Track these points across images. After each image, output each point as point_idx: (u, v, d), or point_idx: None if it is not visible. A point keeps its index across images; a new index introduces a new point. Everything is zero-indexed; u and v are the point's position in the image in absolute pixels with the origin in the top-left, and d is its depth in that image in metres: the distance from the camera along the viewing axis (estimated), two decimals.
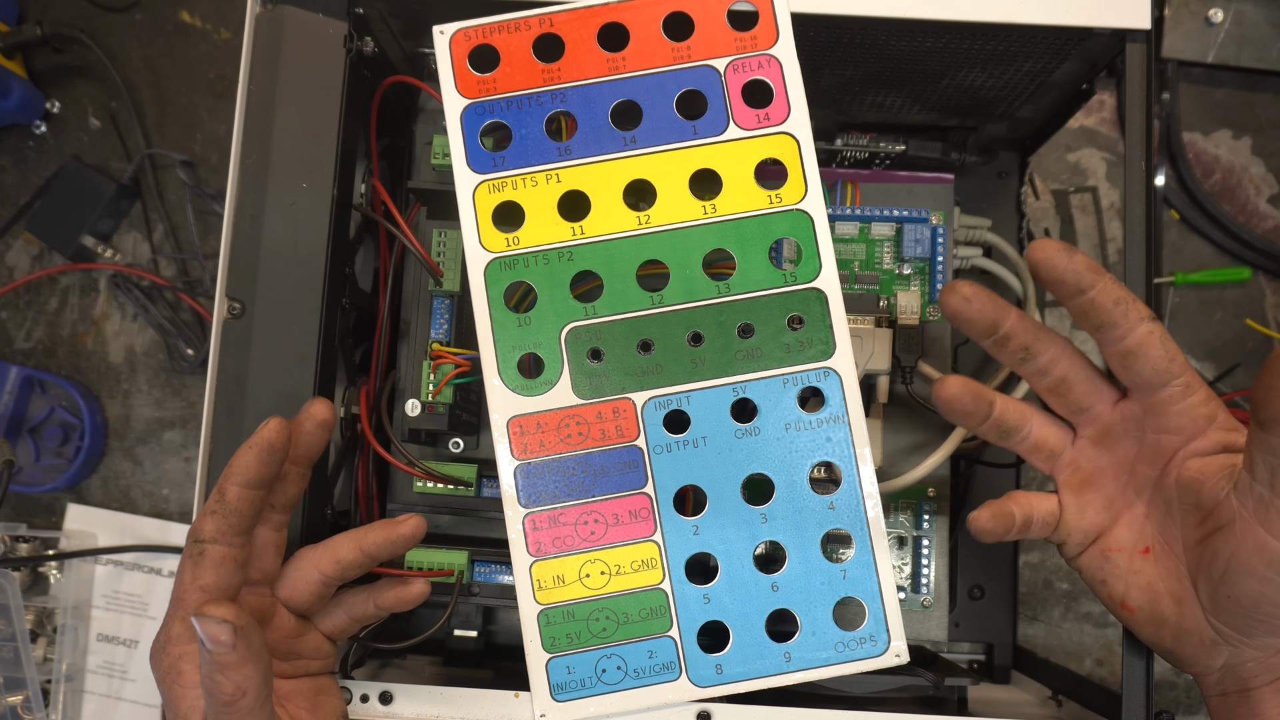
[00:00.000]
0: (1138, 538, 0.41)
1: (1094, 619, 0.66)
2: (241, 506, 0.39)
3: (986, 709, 0.52)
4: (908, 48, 0.48)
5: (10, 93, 0.67)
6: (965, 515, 0.60)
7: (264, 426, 0.39)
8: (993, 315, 0.40)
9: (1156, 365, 0.39)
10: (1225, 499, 0.38)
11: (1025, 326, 0.41)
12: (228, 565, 0.39)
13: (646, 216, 0.43)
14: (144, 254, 0.70)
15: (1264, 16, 0.67)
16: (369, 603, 0.44)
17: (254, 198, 0.46)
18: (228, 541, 0.39)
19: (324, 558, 0.42)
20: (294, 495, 0.42)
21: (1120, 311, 0.39)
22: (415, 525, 0.42)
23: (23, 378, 0.68)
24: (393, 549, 0.42)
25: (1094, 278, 0.38)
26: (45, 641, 0.66)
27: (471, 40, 0.44)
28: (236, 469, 0.39)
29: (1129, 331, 0.39)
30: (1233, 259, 0.68)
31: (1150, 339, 0.39)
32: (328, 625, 0.44)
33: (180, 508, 0.69)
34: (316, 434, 0.41)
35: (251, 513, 0.39)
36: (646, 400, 0.43)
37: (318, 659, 0.43)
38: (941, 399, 0.42)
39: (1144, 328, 0.39)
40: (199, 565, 0.38)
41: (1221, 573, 0.38)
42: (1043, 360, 0.41)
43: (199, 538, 0.39)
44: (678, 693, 0.42)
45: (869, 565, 0.42)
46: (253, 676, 0.36)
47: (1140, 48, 0.46)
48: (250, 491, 0.39)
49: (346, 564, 0.41)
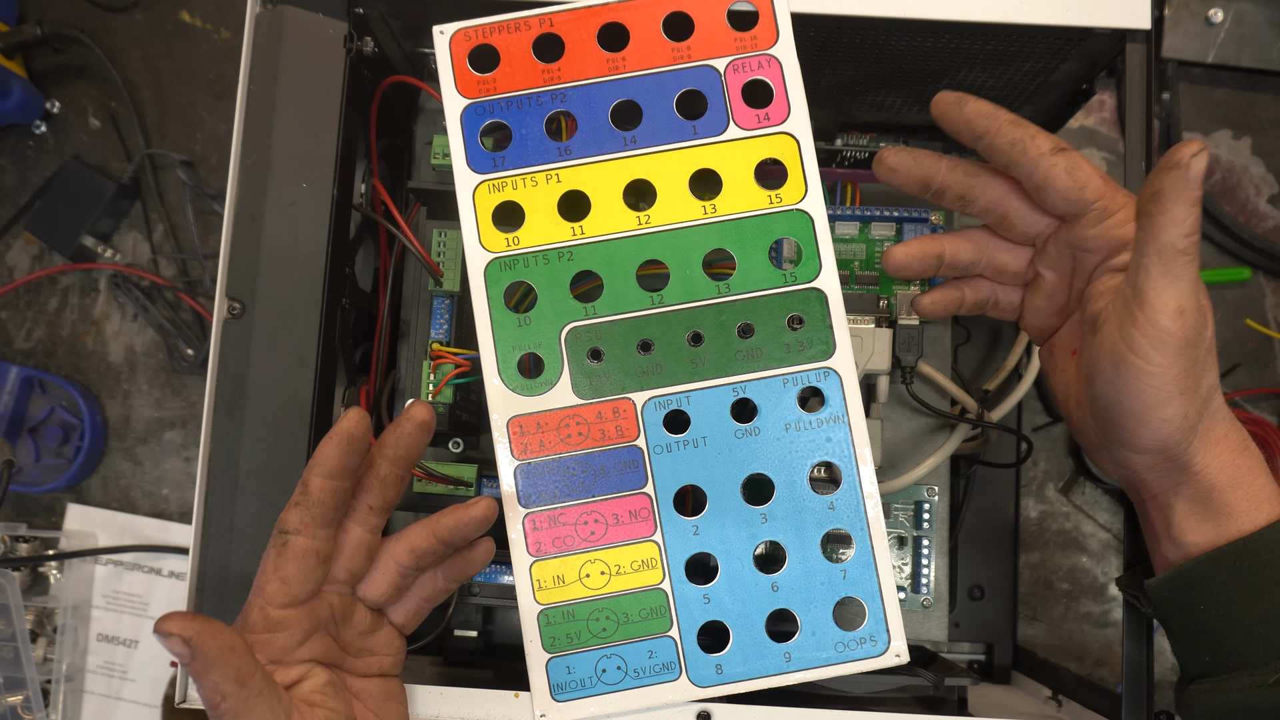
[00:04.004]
0: (1072, 340, 0.44)
1: (1094, 619, 0.66)
2: (324, 498, 0.38)
3: (986, 709, 0.52)
4: (908, 48, 0.48)
5: (10, 93, 0.67)
6: (965, 515, 0.60)
7: (344, 416, 0.38)
8: (921, 174, 0.43)
9: (1066, 195, 0.40)
10: (1104, 307, 0.40)
11: (956, 177, 0.43)
12: (309, 558, 0.38)
13: (646, 216, 0.43)
14: (144, 254, 0.70)
15: (1264, 16, 0.67)
16: (436, 577, 0.43)
17: (254, 198, 0.46)
18: (311, 534, 0.38)
19: (399, 548, 0.41)
20: (392, 498, 0.41)
21: (1018, 151, 0.40)
22: (486, 507, 0.41)
23: (23, 378, 0.68)
24: (465, 532, 0.41)
25: (986, 123, 0.40)
26: (45, 641, 0.66)
27: (471, 40, 0.44)
28: (318, 460, 0.38)
29: (1033, 168, 0.40)
30: (1233, 259, 0.68)
31: (1053, 171, 0.40)
32: (400, 613, 0.43)
33: (180, 508, 0.69)
34: (417, 435, 0.40)
35: (335, 504, 0.39)
36: (646, 400, 0.43)
37: (389, 655, 0.43)
38: (889, 269, 0.46)
39: (1046, 161, 0.40)
40: (282, 556, 0.38)
41: (1087, 373, 0.40)
42: (982, 203, 0.43)
43: (284, 528, 0.38)
44: (678, 693, 0.42)
45: (869, 565, 0.42)
46: (222, 681, 0.35)
47: (1140, 48, 0.46)
48: (332, 482, 0.38)
49: (421, 552, 0.41)
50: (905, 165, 0.43)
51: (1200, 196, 0.34)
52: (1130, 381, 0.37)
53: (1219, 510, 0.40)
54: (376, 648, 0.42)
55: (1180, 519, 0.41)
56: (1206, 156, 0.34)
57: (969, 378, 0.61)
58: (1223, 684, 0.40)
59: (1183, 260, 0.35)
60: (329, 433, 0.38)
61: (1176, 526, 0.41)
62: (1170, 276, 0.36)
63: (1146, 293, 0.36)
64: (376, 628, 0.42)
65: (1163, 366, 0.37)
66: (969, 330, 0.62)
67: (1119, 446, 0.40)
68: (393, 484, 0.41)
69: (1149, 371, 0.37)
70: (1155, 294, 0.36)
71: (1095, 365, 0.39)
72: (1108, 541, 0.66)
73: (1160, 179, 0.34)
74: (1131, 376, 0.37)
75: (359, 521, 0.40)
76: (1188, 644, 0.41)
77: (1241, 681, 0.39)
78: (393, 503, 0.41)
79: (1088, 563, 0.66)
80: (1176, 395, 0.37)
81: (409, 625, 0.44)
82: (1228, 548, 0.39)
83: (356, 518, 0.40)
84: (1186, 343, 0.36)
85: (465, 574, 0.43)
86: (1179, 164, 0.34)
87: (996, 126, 0.40)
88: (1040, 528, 0.67)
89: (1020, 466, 0.62)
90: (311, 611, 0.39)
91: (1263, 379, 0.67)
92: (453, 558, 0.43)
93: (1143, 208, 0.36)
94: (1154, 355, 0.37)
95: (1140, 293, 0.36)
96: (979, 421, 0.54)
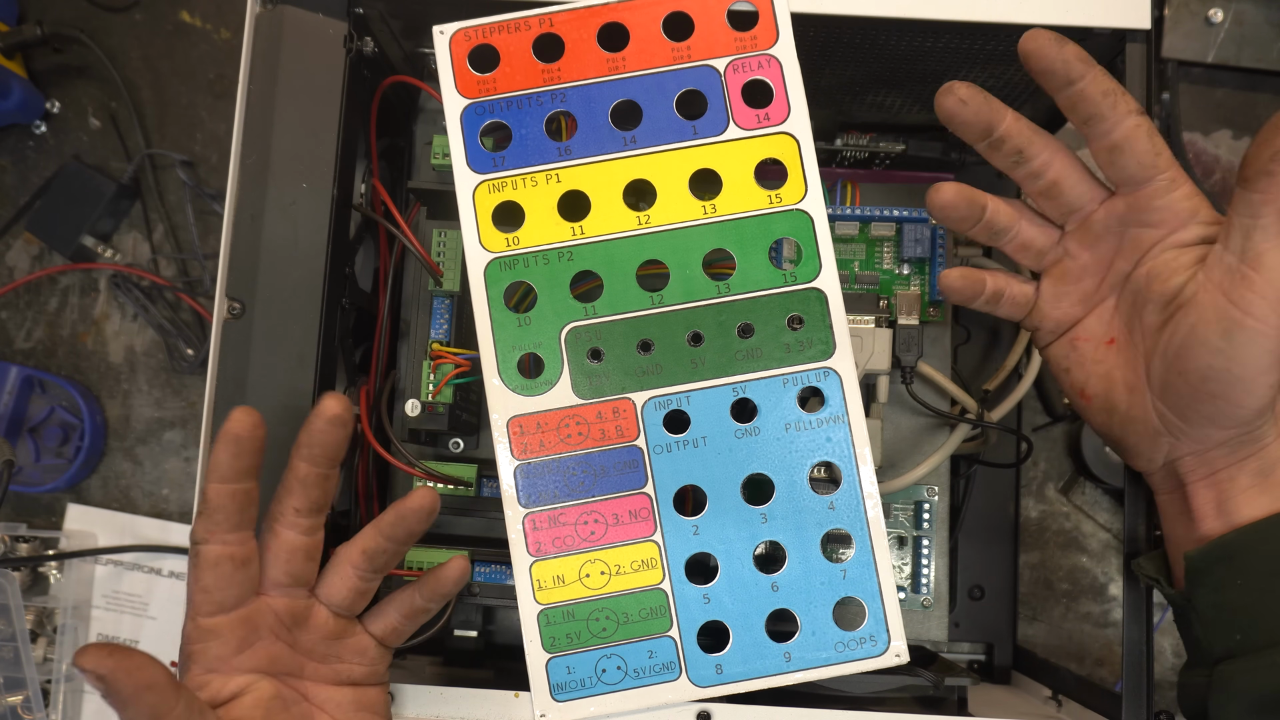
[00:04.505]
0: (1105, 329, 0.43)
1: (1094, 619, 0.66)
2: (223, 502, 0.38)
3: (986, 709, 0.52)
4: (908, 48, 0.48)
5: (10, 93, 0.67)
6: (965, 515, 0.60)
7: (229, 418, 0.38)
8: (988, 117, 0.41)
9: (1142, 159, 0.39)
10: (1191, 279, 0.39)
11: (1020, 129, 0.41)
12: (224, 564, 0.38)
13: (646, 216, 0.43)
14: (144, 254, 0.70)
15: (1264, 16, 0.67)
16: (414, 595, 0.43)
17: (254, 198, 0.46)
18: (219, 540, 0.38)
19: (352, 550, 0.42)
20: (318, 498, 0.40)
21: (1109, 103, 0.39)
22: (423, 496, 0.41)
23: (23, 378, 0.68)
24: (408, 525, 0.41)
25: (1084, 68, 0.39)
26: (45, 641, 0.66)
27: (471, 40, 0.44)
28: (210, 465, 0.38)
29: (1116, 124, 0.39)
30: None
31: (1138, 132, 0.39)
32: (378, 626, 0.43)
33: (180, 508, 0.69)
34: (330, 431, 0.39)
35: (237, 508, 0.38)
36: (646, 400, 0.43)
37: (361, 664, 0.43)
38: (936, 205, 0.43)
39: (1131, 120, 0.39)
40: (197, 567, 0.38)
41: (1178, 348, 0.39)
42: (1036, 164, 0.42)
43: (193, 540, 0.39)
44: (678, 693, 0.42)
45: (869, 565, 0.42)
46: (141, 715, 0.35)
47: (1140, 48, 0.46)
48: (228, 486, 0.38)
49: (372, 551, 0.41)
50: (977, 101, 0.40)
51: None
52: (1245, 346, 0.37)
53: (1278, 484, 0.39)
54: (344, 655, 0.42)
55: (1239, 493, 0.40)
56: None
57: (969, 378, 0.61)
58: (1262, 661, 0.39)
59: None
60: (217, 434, 0.38)
61: (1233, 501, 0.40)
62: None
63: (1264, 254, 0.36)
64: (344, 634, 0.42)
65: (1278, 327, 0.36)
66: (969, 330, 0.62)
67: (1205, 424, 0.39)
68: (315, 483, 0.40)
69: (1266, 334, 0.36)
70: (1275, 254, 0.36)
71: (1194, 338, 0.38)
72: (1108, 541, 0.66)
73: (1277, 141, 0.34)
74: (1248, 340, 0.36)
75: (288, 525, 0.40)
76: (1216, 623, 0.40)
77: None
78: (320, 502, 0.40)
79: (1088, 563, 0.66)
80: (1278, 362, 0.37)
81: (389, 639, 0.44)
82: (1275, 518, 0.39)
83: (285, 521, 0.40)
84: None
85: (439, 592, 0.43)
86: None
87: (1094, 74, 0.39)
88: (1040, 528, 0.67)
89: (1020, 466, 0.62)
90: (245, 618, 0.39)
91: None
92: (426, 576, 0.43)
93: (1263, 167, 0.35)
94: (1272, 317, 0.36)
95: (1257, 254, 0.36)
96: (979, 421, 0.54)
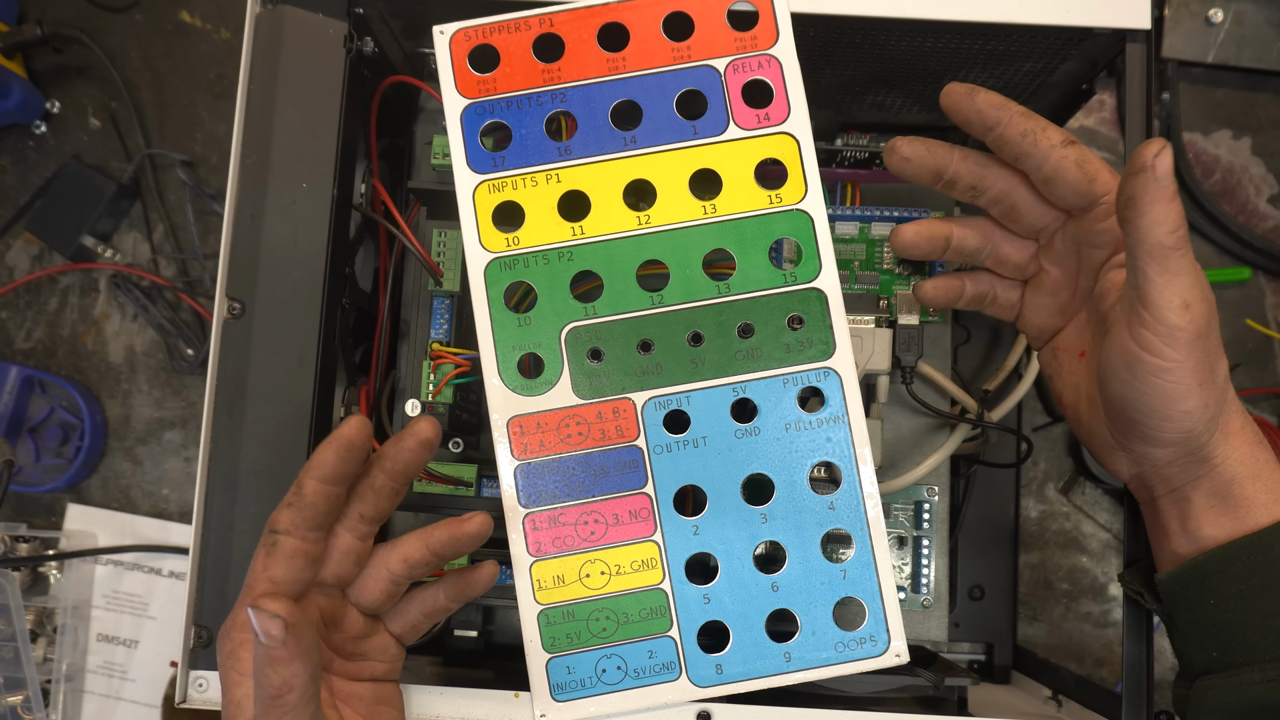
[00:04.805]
0: (1078, 341, 0.44)
1: (1094, 619, 0.66)
2: (317, 501, 0.38)
3: (986, 709, 0.52)
4: (908, 48, 0.48)
5: (10, 93, 0.67)
6: (965, 515, 0.60)
7: (345, 423, 0.38)
8: (934, 164, 0.43)
9: (1076, 188, 0.40)
10: (1112, 306, 0.40)
11: (967, 168, 0.43)
12: (298, 559, 0.38)
13: (646, 216, 0.43)
14: (144, 254, 0.70)
15: (1264, 16, 0.67)
16: (438, 594, 0.43)
17: (254, 198, 0.46)
18: (300, 535, 0.38)
19: (393, 556, 0.41)
20: (385, 509, 0.41)
21: (1029, 142, 0.40)
22: (480, 523, 0.41)
23: (23, 378, 0.68)
24: (458, 547, 0.41)
25: (998, 114, 0.40)
26: (45, 641, 0.66)
27: (471, 40, 0.44)
28: (315, 463, 0.38)
29: (1043, 160, 0.40)
30: (1233, 259, 0.68)
31: (1064, 164, 0.40)
32: (399, 625, 0.43)
33: (180, 508, 0.69)
34: (418, 452, 0.40)
35: (327, 509, 0.39)
36: (646, 400, 0.43)
37: (383, 661, 0.43)
38: (898, 248, 0.45)
39: (1057, 154, 0.40)
40: (271, 555, 0.38)
41: (1100, 373, 0.40)
42: (993, 193, 0.43)
43: (274, 528, 0.38)
44: (678, 693, 0.42)
45: (869, 565, 0.42)
46: (300, 674, 0.35)
47: (1140, 48, 0.46)
48: (327, 487, 0.38)
49: (414, 563, 0.41)
50: (919, 155, 0.43)
51: (1175, 191, 0.35)
52: (1148, 379, 0.37)
53: (1238, 503, 0.40)
54: (370, 653, 0.42)
55: (1198, 512, 0.40)
56: (1170, 152, 0.34)
57: (969, 378, 0.61)
58: (1232, 679, 0.40)
59: (1175, 255, 0.35)
60: (329, 437, 0.38)
61: (1194, 520, 0.41)
62: (1169, 274, 0.36)
63: (1148, 293, 0.36)
64: (370, 633, 0.42)
65: (1178, 361, 0.37)
66: (969, 330, 0.62)
67: (1140, 443, 0.40)
68: (387, 495, 0.41)
69: (1165, 368, 0.37)
70: (1157, 293, 0.36)
71: (1108, 366, 0.39)
72: (1108, 541, 0.66)
73: (1131, 184, 0.35)
74: (1149, 374, 0.37)
75: (349, 528, 0.40)
76: (1194, 639, 0.41)
77: (1253, 676, 0.39)
78: (385, 513, 0.41)
79: (1088, 563, 0.66)
80: (1196, 387, 0.37)
81: (407, 636, 0.44)
82: (1242, 541, 0.39)
83: (347, 524, 0.40)
84: (1198, 334, 0.36)
85: (466, 595, 0.43)
86: (1144, 167, 0.34)
87: (1008, 118, 0.40)
88: (1040, 528, 0.67)
89: (1020, 466, 0.62)
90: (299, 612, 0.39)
91: (1263, 379, 0.67)
92: (454, 577, 0.43)
93: (1122, 214, 0.36)
94: (1168, 352, 0.37)
95: (1142, 293, 0.36)
96: (979, 421, 0.54)
